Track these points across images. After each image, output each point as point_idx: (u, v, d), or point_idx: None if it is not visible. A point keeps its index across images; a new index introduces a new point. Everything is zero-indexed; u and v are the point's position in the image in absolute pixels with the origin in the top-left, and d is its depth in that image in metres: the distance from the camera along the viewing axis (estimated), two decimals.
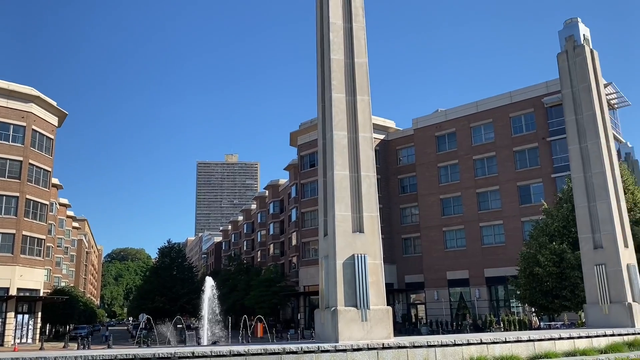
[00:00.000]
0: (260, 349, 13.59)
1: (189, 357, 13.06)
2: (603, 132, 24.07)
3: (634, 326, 21.11)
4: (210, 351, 13.21)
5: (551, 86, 50.81)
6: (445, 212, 58.68)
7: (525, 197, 53.01)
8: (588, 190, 23.78)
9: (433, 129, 60.74)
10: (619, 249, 22.52)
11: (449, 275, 56.62)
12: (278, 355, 13.56)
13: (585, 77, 24.37)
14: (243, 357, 13.26)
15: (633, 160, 53.05)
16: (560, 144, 48.78)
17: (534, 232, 37.71)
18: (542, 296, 34.71)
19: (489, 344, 15.82)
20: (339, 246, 16.02)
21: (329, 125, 17.17)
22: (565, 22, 25.64)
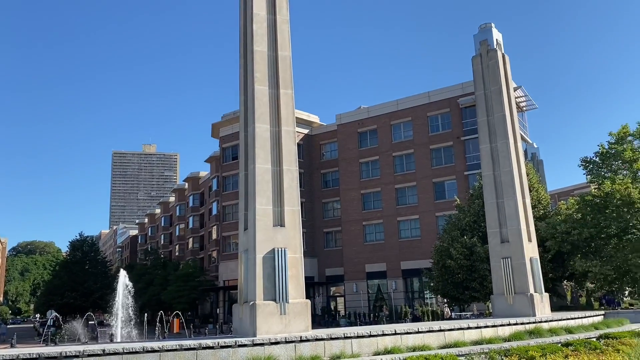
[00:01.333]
0: (176, 344, 13.27)
1: (99, 355, 12.51)
2: (512, 133, 25.56)
3: (535, 315, 22.67)
4: (123, 348, 12.74)
5: (466, 88, 53.19)
6: (365, 206, 59.98)
7: (440, 193, 55.28)
8: (497, 187, 25.18)
9: (356, 125, 61.81)
10: (523, 243, 24.07)
11: (368, 268, 58.01)
12: (194, 350, 13.31)
13: (497, 80, 25.75)
14: (157, 353, 12.90)
15: (538, 160, 56.78)
16: (473, 143, 51.22)
17: (447, 226, 39.47)
18: (454, 288, 36.42)
19: (402, 335, 16.38)
20: (259, 240, 15.94)
21: (251, 118, 17.01)
22: (480, 27, 26.92)
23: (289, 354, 14.27)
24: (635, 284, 31.54)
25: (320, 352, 14.66)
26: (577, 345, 16.27)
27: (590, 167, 34.79)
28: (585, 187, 51.73)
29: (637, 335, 20.12)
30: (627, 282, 32.34)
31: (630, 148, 32.76)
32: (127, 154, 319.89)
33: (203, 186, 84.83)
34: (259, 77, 17.21)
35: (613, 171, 33.67)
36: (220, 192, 68.38)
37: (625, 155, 32.43)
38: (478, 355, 15.49)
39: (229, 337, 15.12)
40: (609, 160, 33.67)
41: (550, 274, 34.30)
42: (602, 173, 34.08)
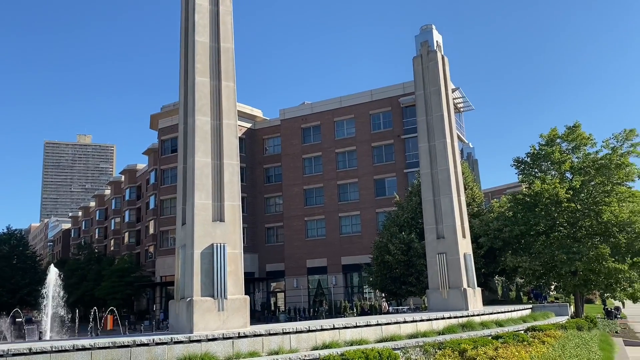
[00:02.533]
0: (108, 342, 12.83)
1: (25, 354, 11.91)
2: (449, 133, 26.32)
3: (468, 309, 23.49)
4: (51, 347, 12.17)
5: (407, 87, 54.29)
6: (307, 202, 60.18)
7: (380, 190, 56.26)
8: (434, 185, 25.88)
9: (299, 120, 61.82)
10: (458, 239, 24.87)
11: (309, 263, 58.27)
12: (128, 348, 12.92)
13: (436, 81, 26.42)
14: (88, 351, 12.43)
15: (473, 159, 58.82)
16: (413, 142, 52.39)
17: (387, 222, 40.22)
18: (392, 282, 37.17)
19: (341, 329, 16.55)
20: (197, 235, 15.65)
21: (191, 110, 16.65)
22: (421, 28, 27.51)
23: (226, 350, 14.11)
24: (561, 279, 33.22)
25: (259, 348, 14.58)
26: (506, 338, 16.98)
27: (521, 167, 36.28)
28: (517, 186, 54.10)
29: (561, 328, 21.28)
30: (553, 277, 34.02)
31: (559, 150, 34.43)
32: (60, 144, 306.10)
33: (140, 179, 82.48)
34: (200, 69, 16.86)
35: (543, 171, 35.27)
36: (159, 186, 66.71)
37: (554, 157, 34.07)
38: (413, 348, 15.88)
39: (165, 334, 14.77)
40: (539, 161, 35.24)
41: (483, 269, 35.60)
42: (532, 173, 35.62)
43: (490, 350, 14.37)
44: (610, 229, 31.62)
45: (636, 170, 32.74)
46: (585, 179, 32.92)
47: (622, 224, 31.27)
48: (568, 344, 16.07)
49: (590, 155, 33.95)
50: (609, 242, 31.23)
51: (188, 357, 13.30)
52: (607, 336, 24.57)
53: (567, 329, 20.70)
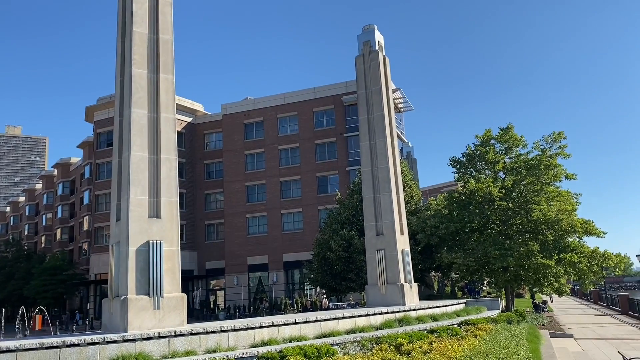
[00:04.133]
0: (36, 343, 12.24)
1: None
2: (389, 132, 26.80)
3: (405, 304, 24.04)
4: None
5: (350, 86, 54.85)
6: (249, 199, 59.68)
7: (323, 187, 56.61)
8: (374, 183, 26.30)
9: (242, 116, 61.18)
10: (396, 236, 25.39)
11: (250, 260, 57.85)
12: (57, 349, 12.37)
13: (378, 81, 26.83)
14: (13, 353, 11.81)
15: (412, 158, 60.22)
16: (355, 140, 53.04)
17: (328, 219, 40.57)
18: (332, 279, 37.54)
19: (280, 326, 16.53)
20: (132, 232, 15.20)
21: (127, 102, 16.12)
22: (364, 28, 27.84)
23: (162, 349, 13.79)
24: (493, 274, 34.60)
25: (196, 347, 14.34)
26: (440, 332, 17.50)
27: (457, 166, 37.49)
28: (453, 185, 55.89)
29: (493, 321, 22.15)
30: (486, 273, 35.39)
31: (493, 150, 35.83)
32: None
33: (74, 173, 79.21)
34: (138, 60, 16.35)
35: (477, 171, 36.60)
36: (94, 180, 64.30)
37: (488, 157, 35.42)
38: (351, 343, 16.09)
39: (97, 334, 14.25)
40: (474, 161, 36.54)
41: (420, 265, 36.58)
42: (468, 172, 36.90)
43: (425, 344, 14.77)
44: (539, 226, 33.24)
45: (563, 171, 34.55)
46: (517, 179, 34.42)
47: (550, 222, 32.92)
48: (498, 337, 16.73)
49: (521, 156, 35.52)
50: (537, 239, 32.82)
51: (122, 357, 12.90)
52: (534, 329, 25.77)
53: (498, 323, 21.55)
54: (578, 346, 24.66)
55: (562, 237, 33.34)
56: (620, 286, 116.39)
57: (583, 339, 27.26)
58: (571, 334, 28.73)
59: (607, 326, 34.47)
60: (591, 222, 33.38)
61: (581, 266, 32.25)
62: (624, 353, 16.97)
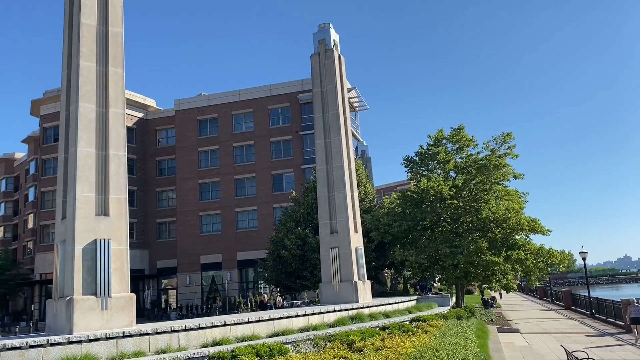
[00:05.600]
0: None
1: None
2: (344, 131, 26.92)
3: (358, 302, 24.22)
4: None
5: (306, 84, 54.80)
6: (203, 196, 58.80)
7: (278, 185, 56.39)
8: (329, 181, 26.37)
9: (195, 112, 60.17)
10: (350, 234, 25.54)
11: (203, 259, 57.03)
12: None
13: (333, 79, 26.91)
14: None
15: (367, 157, 60.81)
16: (310, 138, 53.05)
17: (283, 218, 40.47)
18: (287, 277, 37.47)
19: (232, 326, 16.34)
20: (78, 230, 14.68)
21: (74, 96, 15.55)
22: (319, 26, 27.86)
23: (109, 351, 13.38)
24: (444, 271, 35.35)
25: (145, 348, 13.99)
26: (392, 329, 17.74)
27: (411, 165, 38.12)
28: (407, 184, 56.74)
29: (443, 318, 22.62)
30: (437, 270, 36.13)
31: (444, 150, 36.61)
32: None
33: (19, 169, 76.07)
34: (86, 53, 15.79)
35: (429, 170, 37.33)
36: (39, 177, 61.88)
37: (440, 157, 36.18)
38: (304, 341, 16.09)
39: (41, 336, 13.70)
40: (427, 160, 37.24)
41: (373, 263, 37.00)
42: (420, 171, 37.59)
43: (377, 341, 14.94)
44: (488, 224, 34.20)
45: (511, 170, 35.66)
46: (467, 178, 35.29)
47: (498, 220, 33.93)
48: (448, 332, 17.11)
49: (472, 156, 36.45)
50: (487, 237, 33.77)
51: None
52: (483, 324, 26.54)
53: (448, 319, 22.05)
54: (524, 340, 25.53)
55: (510, 234, 34.43)
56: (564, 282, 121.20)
57: (529, 334, 28.24)
58: (518, 329, 29.71)
59: (551, 321, 35.84)
60: (537, 221, 34.60)
61: (527, 263, 33.38)
62: (567, 346, 17.67)
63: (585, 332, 28.50)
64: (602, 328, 29.86)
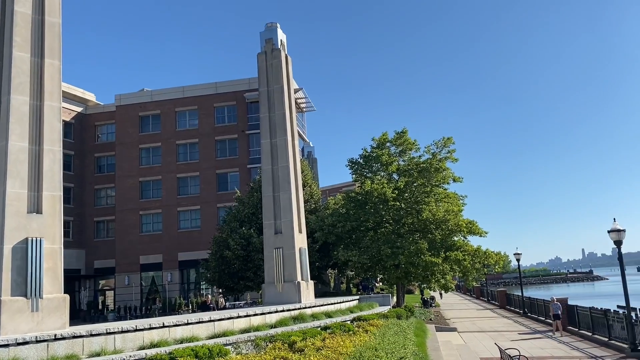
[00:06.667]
0: None
1: None
2: (290, 131, 26.93)
3: (301, 302, 24.28)
4: None
5: (253, 83, 54.32)
6: (144, 195, 57.22)
7: (222, 185, 55.64)
8: (274, 181, 26.30)
9: (137, 108, 58.45)
10: (294, 234, 25.57)
11: (143, 259, 55.50)
12: None
13: (279, 79, 26.86)
14: None
15: (313, 158, 61.06)
16: (256, 138, 52.64)
17: (227, 217, 40.00)
18: (229, 278, 37.05)
19: (171, 327, 16.01)
20: (8, 228, 14.00)
21: (6, 87, 14.81)
22: (267, 25, 27.74)
23: (40, 354, 12.82)
24: (386, 271, 35.99)
25: (78, 351, 13.49)
26: (334, 328, 17.91)
27: (355, 167, 38.61)
28: (351, 185, 57.39)
29: (383, 317, 23.03)
30: (379, 270, 36.75)
31: (387, 153, 37.30)
32: None
33: None
34: (20, 43, 15.06)
35: (373, 172, 37.92)
36: None
37: (383, 159, 36.83)
38: (245, 343, 15.97)
39: None
40: (371, 162, 37.83)
41: (317, 263, 37.16)
42: (364, 173, 38.13)
43: (318, 340, 15.03)
44: (428, 226, 35.11)
45: (451, 174, 36.77)
46: (409, 180, 36.10)
47: (438, 222, 34.89)
48: (388, 332, 17.44)
49: (414, 159, 37.32)
50: (427, 238, 34.64)
51: None
52: (422, 323, 27.16)
53: (388, 318, 22.47)
54: (461, 339, 26.36)
55: (449, 236, 35.46)
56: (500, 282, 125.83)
57: (465, 332, 29.19)
58: (455, 328, 30.65)
59: (487, 320, 37.19)
60: (475, 223, 35.82)
61: (465, 264, 34.48)
62: (500, 344, 18.38)
63: (518, 330, 29.74)
64: (533, 326, 31.25)
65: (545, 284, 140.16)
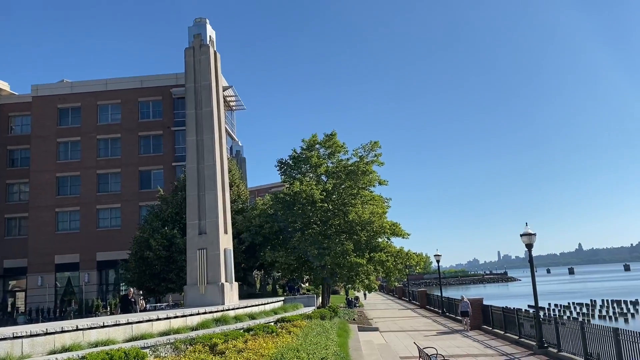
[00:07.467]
0: None
1: None
2: (217, 129, 26.48)
3: (224, 304, 23.90)
4: None
5: (180, 79, 52.85)
6: (60, 191, 54.31)
7: (145, 183, 53.80)
8: (200, 180, 25.74)
9: (56, 100, 55.40)
10: (219, 235, 25.15)
11: (58, 259, 52.63)
12: None
13: (208, 76, 26.35)
14: None
15: (242, 157, 60.38)
16: (182, 135, 51.30)
17: (149, 217, 38.75)
18: (150, 279, 35.89)
19: (85, 330, 15.24)
20: None
21: None
22: (195, 20, 27.12)
23: None
24: (312, 272, 36.23)
25: None
26: (257, 330, 17.73)
27: (284, 168, 38.62)
28: (280, 186, 57.30)
29: (307, 318, 23.12)
30: (305, 271, 36.93)
31: (317, 155, 37.58)
32: None
33: None
34: None
35: (302, 173, 38.08)
36: None
37: (312, 161, 37.06)
38: (164, 345, 15.47)
39: None
40: (300, 164, 37.97)
41: (243, 264, 36.79)
42: (293, 174, 38.20)
43: (240, 342, 14.83)
44: (354, 227, 35.70)
45: (377, 177, 37.61)
46: (337, 182, 36.56)
47: (363, 223, 35.55)
48: (311, 332, 17.50)
49: (342, 162, 37.84)
50: (352, 239, 35.21)
51: None
52: (345, 324, 27.54)
53: (312, 319, 22.57)
54: (382, 339, 26.94)
55: (374, 237, 36.24)
56: (421, 283, 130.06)
57: (387, 332, 29.88)
58: (377, 328, 31.30)
59: (408, 319, 38.27)
60: (398, 225, 36.83)
61: (388, 264, 35.35)
62: (419, 343, 18.95)
63: (437, 330, 30.81)
64: (451, 325, 32.48)
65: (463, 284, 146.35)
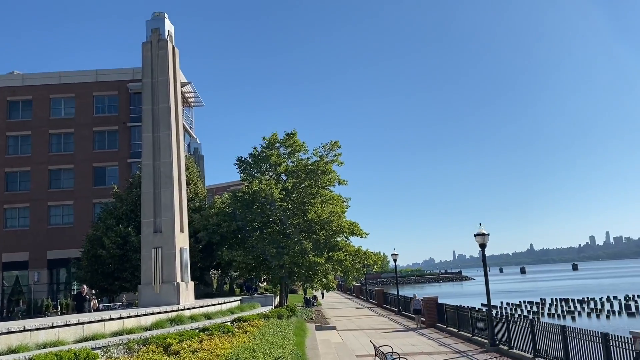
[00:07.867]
0: None
1: None
2: (175, 125, 26.01)
3: (180, 303, 23.52)
4: None
5: (137, 73, 51.65)
6: (9, 187, 52.25)
7: (99, 179, 52.35)
8: (155, 177, 25.23)
9: (5, 92, 53.22)
10: (175, 233, 24.73)
11: (5, 257, 50.64)
12: None
13: (165, 71, 25.86)
14: None
15: (200, 155, 59.55)
16: (139, 130, 49.99)
17: (103, 214, 37.77)
18: (104, 278, 34.97)
19: (33, 331, 14.70)
20: None
21: None
22: (154, 14, 26.55)
23: None
24: (270, 271, 36.05)
25: None
26: (213, 330, 17.49)
27: (244, 166, 38.28)
28: (239, 185, 56.79)
29: (264, 317, 22.99)
30: (263, 270, 36.72)
31: (277, 153, 37.42)
32: None
33: None
34: None
35: (262, 172, 37.84)
36: None
37: (272, 159, 36.89)
38: (116, 346, 15.09)
39: None
40: (260, 162, 37.72)
41: (200, 264, 36.27)
42: (253, 173, 37.91)
43: (195, 343, 14.60)
44: (314, 226, 35.75)
45: (337, 177, 37.76)
46: (297, 182, 36.51)
47: (322, 223, 35.63)
48: (267, 332, 17.39)
49: (302, 161, 37.80)
50: (311, 238, 35.24)
51: None
52: (302, 323, 27.52)
53: (269, 318, 22.45)
54: (339, 337, 27.07)
55: (332, 236, 36.38)
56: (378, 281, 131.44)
57: (344, 330, 30.05)
58: (334, 326, 31.44)
59: (365, 318, 38.59)
60: (357, 224, 37.09)
61: (346, 264, 35.56)
62: (375, 342, 19.14)
63: (393, 328, 31.19)
64: (407, 323, 32.94)
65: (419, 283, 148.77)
